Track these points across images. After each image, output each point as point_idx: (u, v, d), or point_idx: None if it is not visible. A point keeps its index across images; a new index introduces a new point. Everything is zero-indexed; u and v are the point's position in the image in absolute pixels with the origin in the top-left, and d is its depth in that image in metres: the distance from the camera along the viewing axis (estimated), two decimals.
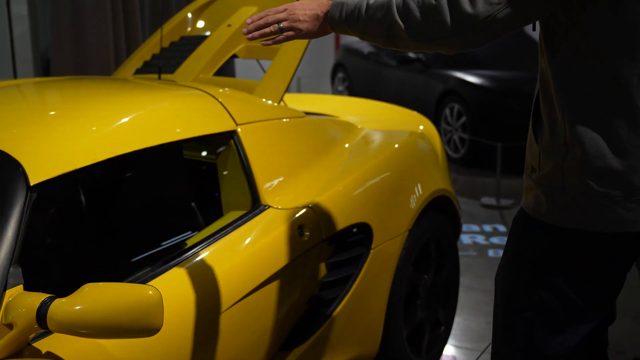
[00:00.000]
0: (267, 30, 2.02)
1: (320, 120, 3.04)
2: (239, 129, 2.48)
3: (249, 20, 2.04)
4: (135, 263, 2.32)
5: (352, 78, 10.16)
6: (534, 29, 1.88)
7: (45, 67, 5.02)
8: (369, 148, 3.06)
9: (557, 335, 1.81)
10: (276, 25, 2.01)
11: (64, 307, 1.54)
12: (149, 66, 3.42)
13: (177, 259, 2.11)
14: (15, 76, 4.67)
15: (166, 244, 2.38)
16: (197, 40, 3.40)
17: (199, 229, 2.47)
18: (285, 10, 2.02)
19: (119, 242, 2.42)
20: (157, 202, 2.57)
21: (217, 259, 2.17)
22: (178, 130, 2.30)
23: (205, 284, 2.08)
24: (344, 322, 2.62)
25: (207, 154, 2.70)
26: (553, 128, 1.76)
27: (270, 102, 2.82)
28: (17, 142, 1.95)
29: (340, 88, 10.58)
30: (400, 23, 1.79)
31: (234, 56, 3.36)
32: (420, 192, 3.02)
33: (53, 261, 2.17)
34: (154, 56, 3.49)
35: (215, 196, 2.53)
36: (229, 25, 3.34)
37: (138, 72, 3.42)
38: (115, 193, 2.47)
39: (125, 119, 2.20)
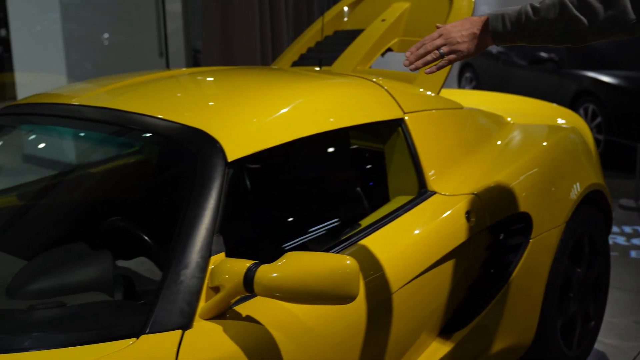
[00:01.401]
0: (428, 58, 2.10)
1: (477, 112, 3.09)
2: (407, 117, 2.56)
3: (407, 53, 2.13)
4: (307, 243, 2.43)
5: (480, 78, 10.10)
6: None
7: (195, 62, 5.24)
8: (524, 141, 3.07)
9: None
10: (436, 51, 2.09)
11: (269, 272, 1.65)
12: (306, 59, 3.54)
13: (350, 240, 2.20)
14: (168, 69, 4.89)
15: (336, 225, 2.48)
16: (352, 34, 3.50)
17: (366, 212, 2.56)
18: (440, 35, 2.10)
19: (290, 220, 2.53)
20: (328, 185, 2.67)
21: (389, 241, 2.25)
22: (352, 116, 2.41)
23: (379, 264, 2.16)
24: (502, 309, 2.65)
25: (375, 140, 2.78)
26: None
27: (429, 92, 2.88)
28: (212, 122, 2.08)
29: (467, 88, 10.54)
30: (581, 17, 1.84)
31: (389, 49, 3.44)
32: (577, 185, 3.02)
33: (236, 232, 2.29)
34: (309, 49, 3.61)
35: (382, 181, 2.61)
36: (383, 20, 3.43)
37: (295, 64, 3.55)
38: (292, 174, 2.59)
39: (306, 104, 2.32)
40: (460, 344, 2.52)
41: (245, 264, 1.70)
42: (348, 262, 1.65)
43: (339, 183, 2.72)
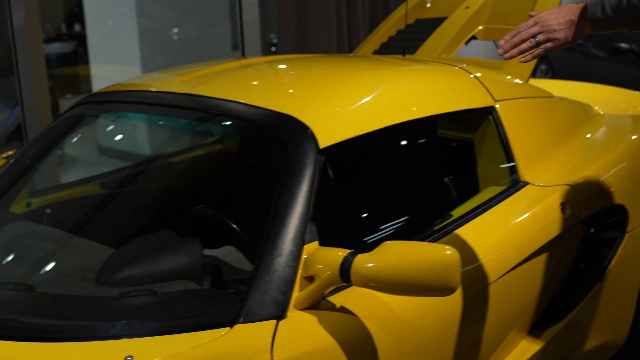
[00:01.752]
0: (524, 46, 2.02)
1: (566, 101, 2.99)
2: (497, 105, 2.48)
3: (502, 42, 2.06)
4: (396, 233, 2.36)
5: (556, 70, 9.88)
6: None
7: (270, 54, 5.21)
8: (617, 132, 2.96)
9: None
10: (532, 40, 2.01)
11: (367, 262, 1.60)
12: (387, 47, 3.48)
13: (443, 231, 2.14)
14: None
15: (425, 215, 2.41)
16: (434, 22, 3.42)
17: (454, 202, 2.49)
18: (536, 23, 2.02)
19: (378, 210, 2.47)
20: (416, 174, 2.61)
21: (483, 233, 2.18)
22: (442, 103, 2.34)
23: (474, 255, 2.09)
24: (596, 306, 2.55)
25: (463, 129, 2.71)
26: None
27: (518, 80, 2.79)
28: (301, 108, 2.04)
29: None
30: None
31: (473, 37, 3.36)
32: None
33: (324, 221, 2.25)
34: (390, 38, 3.54)
35: (470, 171, 2.54)
36: (467, 7, 3.34)
37: (376, 53, 3.48)
38: (380, 162, 2.53)
39: (395, 91, 2.26)
40: (552, 341, 2.43)
41: (341, 253, 1.65)
42: (448, 252, 1.58)
43: (426, 172, 2.65)
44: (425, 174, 2.64)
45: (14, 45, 3.93)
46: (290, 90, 2.27)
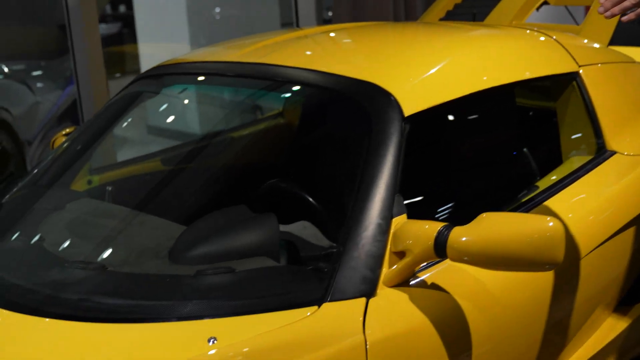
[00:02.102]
0: (627, 4, 1.88)
1: None
2: (581, 71, 2.34)
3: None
4: (480, 205, 2.25)
5: (614, 40, 9.60)
6: None
7: None
8: None
9: None
10: None
11: (464, 235, 1.49)
12: (453, 15, 3.35)
13: (532, 202, 2.03)
14: None
15: (510, 187, 2.30)
16: None
17: (536, 173, 2.37)
18: None
19: (461, 180, 2.35)
20: (498, 143, 2.49)
21: (573, 205, 2.07)
22: (526, 68, 2.22)
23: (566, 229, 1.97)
24: None
25: (542, 96, 2.58)
26: None
27: (598, 45, 2.65)
28: (381, 74, 1.93)
29: None
30: None
31: (545, 2, 3.21)
32: None
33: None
34: (456, 5, 3.41)
35: (551, 140, 2.41)
36: None
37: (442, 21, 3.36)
38: (464, 130, 2.42)
39: (480, 57, 2.15)
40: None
41: (434, 226, 1.54)
42: (551, 223, 1.47)
43: (508, 142, 2.53)
44: (506, 144, 2.52)
45: (69, 23, 3.86)
46: (367, 57, 2.16)
